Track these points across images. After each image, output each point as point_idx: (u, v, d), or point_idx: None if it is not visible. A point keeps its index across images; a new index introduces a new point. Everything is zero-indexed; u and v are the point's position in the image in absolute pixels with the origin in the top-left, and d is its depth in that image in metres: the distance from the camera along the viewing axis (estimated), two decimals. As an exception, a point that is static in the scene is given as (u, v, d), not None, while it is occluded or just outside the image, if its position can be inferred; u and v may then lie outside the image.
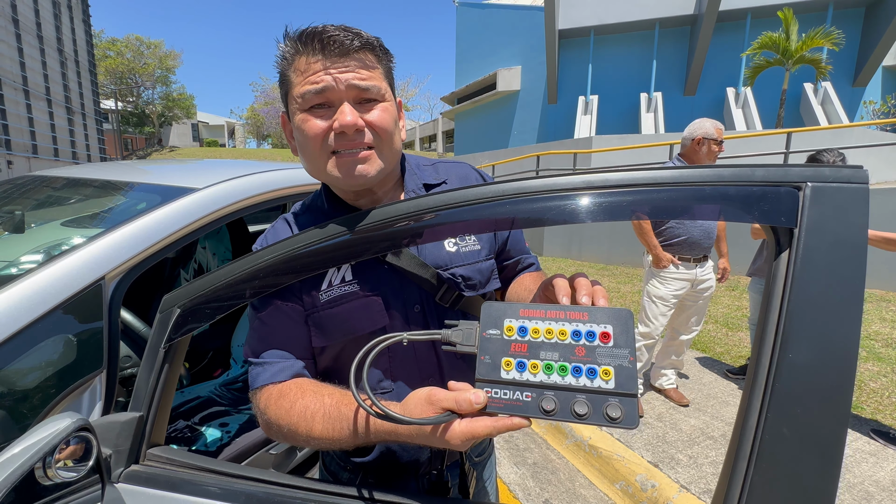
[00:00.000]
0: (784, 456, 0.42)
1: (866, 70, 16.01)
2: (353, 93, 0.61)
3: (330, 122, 0.61)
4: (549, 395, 0.46)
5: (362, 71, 0.61)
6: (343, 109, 0.60)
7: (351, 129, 0.60)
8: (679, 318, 2.65)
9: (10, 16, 18.68)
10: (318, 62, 0.59)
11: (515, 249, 0.85)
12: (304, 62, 0.60)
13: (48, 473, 0.52)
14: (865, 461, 2.15)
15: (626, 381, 0.45)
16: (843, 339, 0.42)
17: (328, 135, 0.61)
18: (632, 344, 0.47)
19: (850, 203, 0.44)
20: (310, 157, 0.65)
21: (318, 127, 0.61)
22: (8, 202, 1.56)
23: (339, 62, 0.59)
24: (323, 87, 0.59)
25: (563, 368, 0.47)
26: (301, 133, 0.63)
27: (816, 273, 0.43)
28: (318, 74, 0.60)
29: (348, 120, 0.60)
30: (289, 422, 0.62)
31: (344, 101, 0.60)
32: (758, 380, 0.45)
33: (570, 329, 0.48)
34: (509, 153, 13.90)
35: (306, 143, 0.63)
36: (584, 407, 0.44)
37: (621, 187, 0.51)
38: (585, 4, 17.99)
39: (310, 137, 0.62)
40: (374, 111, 0.63)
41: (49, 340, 0.86)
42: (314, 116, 0.61)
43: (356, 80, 0.60)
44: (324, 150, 0.63)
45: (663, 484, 2.04)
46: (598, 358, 0.47)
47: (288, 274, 0.64)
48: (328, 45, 0.59)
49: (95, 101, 26.88)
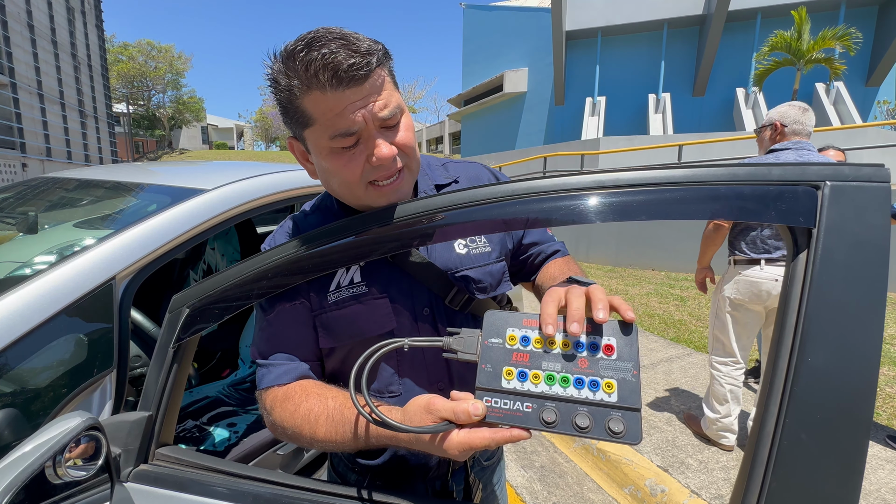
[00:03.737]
0: (803, 463, 0.41)
1: (880, 69, 15.74)
2: (378, 123, 0.59)
3: (364, 157, 0.60)
4: (551, 406, 0.45)
5: (382, 95, 0.58)
6: (378, 144, 0.59)
7: (388, 160, 0.60)
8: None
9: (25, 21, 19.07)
10: (338, 97, 0.55)
11: (535, 240, 0.84)
12: (318, 97, 0.56)
13: (58, 472, 0.52)
14: (882, 468, 2.10)
15: (630, 394, 0.44)
16: (865, 342, 0.41)
17: (364, 169, 0.61)
18: (636, 357, 0.46)
19: (871, 202, 0.43)
20: (345, 187, 0.64)
21: (354, 165, 0.60)
22: (22, 203, 1.58)
23: (357, 91, 0.56)
24: (356, 130, 0.58)
25: (565, 380, 0.46)
26: (334, 171, 0.62)
27: (836, 275, 0.42)
28: (343, 114, 0.56)
29: (385, 153, 0.59)
30: (293, 424, 0.62)
31: (372, 132, 0.59)
32: (775, 384, 0.44)
33: (573, 340, 0.47)
34: (516, 155, 13.89)
35: (342, 176, 0.62)
36: (585, 420, 0.44)
37: (633, 187, 0.51)
38: (593, 5, 17.93)
39: (347, 175, 0.61)
40: (399, 132, 0.62)
41: (60, 340, 0.87)
42: (347, 154, 0.60)
43: (382, 113, 0.58)
44: (362, 182, 0.62)
45: (673, 489, 2.01)
46: (601, 370, 0.46)
47: (296, 274, 0.64)
48: (342, 76, 0.54)
49: (108, 105, 27.32)
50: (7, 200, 1.62)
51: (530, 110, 21.37)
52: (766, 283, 2.06)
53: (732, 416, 2.23)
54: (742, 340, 2.21)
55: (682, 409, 2.68)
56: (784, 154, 2.02)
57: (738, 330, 2.20)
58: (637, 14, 17.63)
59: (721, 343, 2.26)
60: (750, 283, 2.10)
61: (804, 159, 1.99)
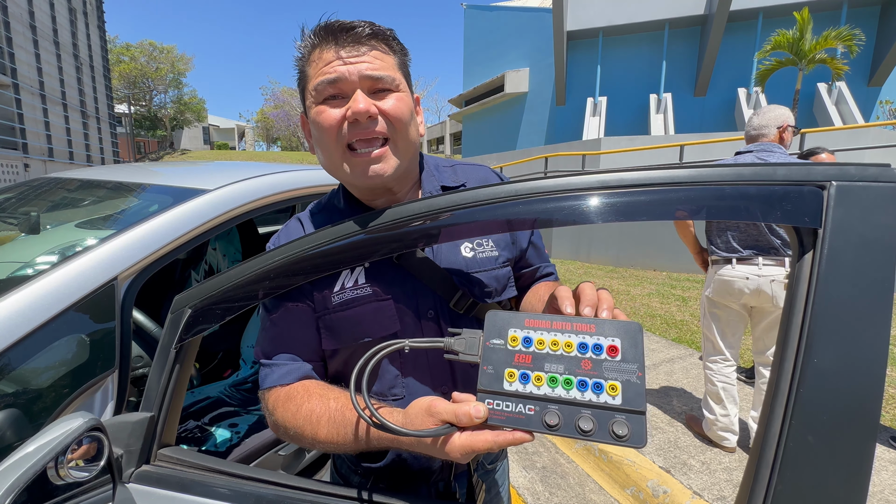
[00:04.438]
0: (809, 465, 0.40)
1: (882, 69, 15.69)
2: (366, 83, 0.60)
3: (343, 112, 0.60)
4: (553, 408, 0.44)
5: (375, 60, 0.60)
6: (356, 97, 0.59)
7: (364, 115, 0.59)
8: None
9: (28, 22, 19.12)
10: (330, 52, 0.60)
11: (535, 258, 0.84)
12: (317, 54, 0.61)
13: (60, 473, 0.52)
14: (885, 469, 2.09)
15: (634, 397, 0.44)
16: (872, 344, 0.40)
17: (342, 125, 0.61)
18: (640, 359, 0.45)
19: (877, 202, 0.42)
20: (326, 151, 0.64)
21: (332, 117, 0.61)
22: (24, 204, 1.58)
23: (351, 52, 0.59)
24: (336, 78, 0.59)
25: (568, 382, 0.45)
26: (316, 126, 0.63)
27: (843, 275, 0.42)
28: (331, 65, 0.60)
29: (361, 107, 0.59)
30: (295, 424, 0.62)
31: (355, 87, 0.60)
32: (781, 385, 0.43)
33: (577, 341, 0.47)
34: (517, 155, 13.88)
35: (321, 135, 0.63)
36: (589, 423, 0.43)
37: (637, 187, 0.50)
38: (594, 5, 17.90)
39: (324, 129, 0.61)
40: (387, 100, 0.62)
41: (63, 340, 0.87)
42: (328, 107, 0.61)
43: (369, 70, 0.59)
44: (339, 142, 0.62)
45: (675, 490, 2.00)
46: (605, 372, 0.45)
47: (299, 275, 0.64)
48: (339, 34, 0.59)
49: (109, 106, 27.38)
50: (9, 201, 1.63)
51: (531, 110, 21.35)
52: (738, 281, 2.09)
53: (731, 415, 2.23)
54: (728, 338, 2.24)
55: (684, 410, 2.68)
56: (744, 157, 2.10)
57: (721, 328, 2.24)
58: (638, 14, 17.61)
59: (710, 342, 2.29)
60: (723, 281, 2.14)
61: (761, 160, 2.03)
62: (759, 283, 2.04)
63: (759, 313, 2.15)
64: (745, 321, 2.23)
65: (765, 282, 2.03)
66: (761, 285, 2.04)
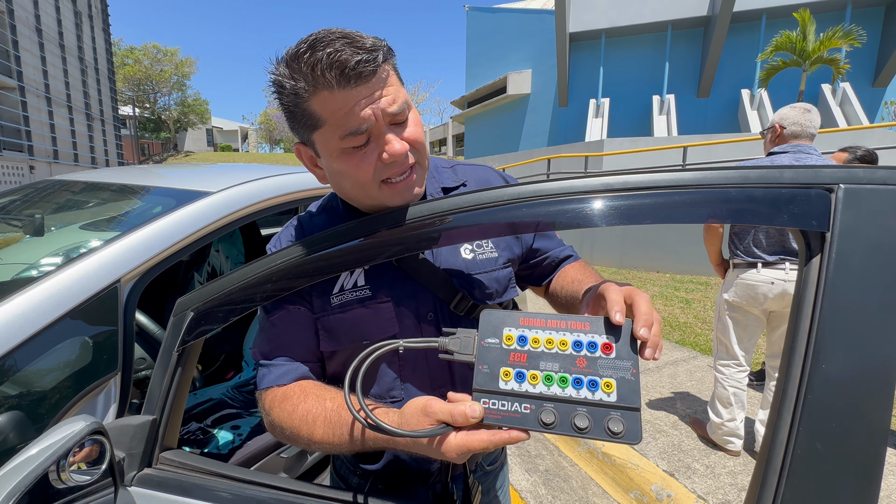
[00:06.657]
0: (817, 473, 0.40)
1: (887, 70, 15.60)
2: (388, 119, 0.58)
3: (376, 156, 0.59)
4: (549, 407, 0.45)
5: (389, 89, 0.58)
6: (389, 140, 0.58)
7: (401, 157, 0.59)
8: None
9: (33, 25, 19.30)
10: (344, 94, 0.55)
11: (547, 246, 0.84)
12: (327, 97, 0.55)
13: (62, 476, 0.52)
14: (892, 473, 2.07)
15: (629, 394, 0.44)
16: (881, 349, 0.40)
17: (377, 167, 0.60)
18: (634, 356, 0.46)
19: (886, 205, 0.42)
20: (357, 187, 0.63)
21: (367, 164, 0.59)
22: (29, 206, 1.59)
23: (365, 88, 0.55)
24: (366, 126, 0.57)
25: (563, 380, 0.45)
26: (346, 172, 0.61)
27: (851, 279, 0.41)
28: (355, 113, 0.55)
29: (397, 149, 0.58)
30: (291, 425, 0.62)
31: (382, 128, 0.58)
32: (788, 392, 0.43)
33: (572, 339, 0.47)
34: (520, 156, 13.86)
35: (355, 177, 0.61)
36: (584, 420, 0.43)
37: (642, 190, 0.50)
38: (596, 7, 17.90)
39: (360, 175, 0.60)
40: (408, 128, 0.61)
41: (66, 342, 0.87)
42: (358, 154, 0.59)
43: (391, 108, 0.57)
44: (375, 181, 0.61)
45: (679, 494, 1.99)
46: (600, 370, 0.45)
47: (300, 278, 0.64)
48: (350, 73, 0.53)
49: (114, 108, 27.59)
50: (14, 203, 1.64)
51: (534, 112, 21.35)
52: (762, 286, 2.05)
53: (738, 420, 2.21)
54: (744, 343, 2.20)
55: (688, 413, 2.66)
56: (781, 157, 2.00)
57: (738, 332, 2.20)
58: (641, 15, 17.59)
59: (723, 346, 2.25)
60: (747, 286, 2.10)
61: (800, 163, 1.97)
62: (785, 287, 2.00)
63: (778, 317, 2.12)
64: (762, 326, 2.19)
65: (791, 287, 2.00)
66: (787, 289, 2.00)
